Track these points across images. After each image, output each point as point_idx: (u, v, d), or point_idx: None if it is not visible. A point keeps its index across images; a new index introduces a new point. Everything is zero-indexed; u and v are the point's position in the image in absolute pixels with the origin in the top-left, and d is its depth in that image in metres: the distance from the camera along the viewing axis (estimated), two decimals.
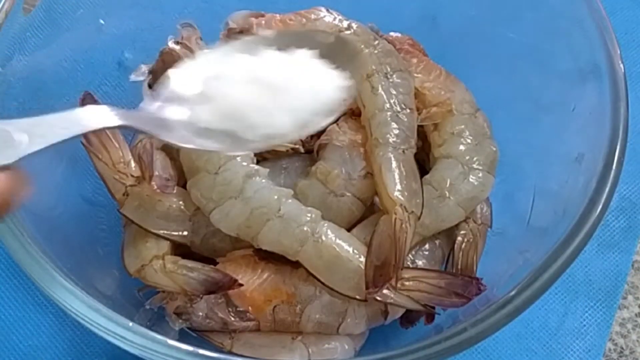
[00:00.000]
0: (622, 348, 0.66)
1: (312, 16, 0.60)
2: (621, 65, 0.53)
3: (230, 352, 0.55)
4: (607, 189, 0.49)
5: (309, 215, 0.53)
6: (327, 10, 0.61)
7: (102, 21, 0.62)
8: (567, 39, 0.58)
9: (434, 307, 0.55)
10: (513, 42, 0.63)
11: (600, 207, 0.49)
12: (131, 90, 0.64)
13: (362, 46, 0.59)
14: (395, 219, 0.53)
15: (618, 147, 0.51)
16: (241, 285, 0.54)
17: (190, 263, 0.55)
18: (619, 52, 0.54)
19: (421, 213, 0.55)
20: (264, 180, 0.55)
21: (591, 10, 0.56)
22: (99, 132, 0.56)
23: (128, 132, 0.61)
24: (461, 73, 0.63)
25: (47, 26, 0.58)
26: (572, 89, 0.58)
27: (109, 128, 0.44)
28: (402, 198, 0.53)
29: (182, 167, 0.57)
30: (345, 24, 0.60)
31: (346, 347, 0.56)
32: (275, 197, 0.54)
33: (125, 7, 0.64)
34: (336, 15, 0.60)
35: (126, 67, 0.64)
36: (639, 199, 0.72)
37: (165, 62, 0.59)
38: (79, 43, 0.61)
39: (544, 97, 0.62)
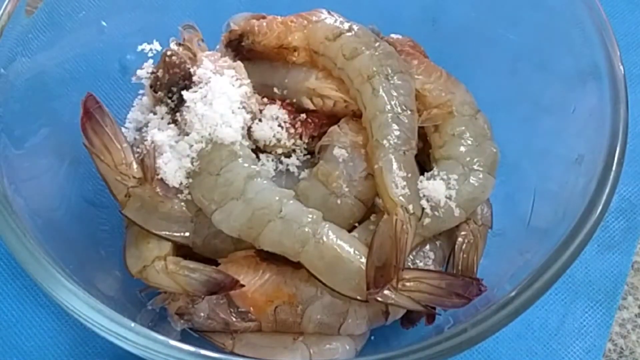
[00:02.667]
0: (622, 348, 0.66)
1: (314, 18, 0.60)
2: (621, 67, 0.54)
3: (231, 353, 0.56)
4: (607, 190, 0.50)
5: (310, 216, 0.54)
6: (329, 12, 0.61)
7: (104, 23, 0.62)
8: (567, 41, 0.58)
9: (434, 308, 0.55)
10: (513, 43, 0.64)
11: (600, 208, 0.49)
12: (133, 92, 0.64)
13: (363, 48, 0.59)
14: (396, 220, 0.53)
15: (618, 149, 0.51)
16: (243, 286, 0.54)
17: (192, 264, 0.55)
18: (618, 53, 0.54)
19: (422, 214, 0.55)
20: (265, 182, 0.55)
21: (591, 12, 0.56)
22: (101, 134, 0.56)
23: (130, 133, 0.61)
24: (461, 75, 0.63)
25: (49, 28, 0.58)
26: (572, 90, 0.58)
27: None
28: (403, 199, 0.54)
29: None
30: (346, 25, 0.60)
31: (347, 347, 0.57)
32: (277, 198, 0.54)
33: (127, 9, 0.64)
34: (337, 17, 0.60)
35: (128, 69, 0.64)
36: (639, 200, 0.72)
37: (167, 64, 0.59)
38: (81, 45, 0.61)
39: (544, 99, 0.62)
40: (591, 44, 0.55)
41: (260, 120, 0.58)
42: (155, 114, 0.60)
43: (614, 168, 0.50)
